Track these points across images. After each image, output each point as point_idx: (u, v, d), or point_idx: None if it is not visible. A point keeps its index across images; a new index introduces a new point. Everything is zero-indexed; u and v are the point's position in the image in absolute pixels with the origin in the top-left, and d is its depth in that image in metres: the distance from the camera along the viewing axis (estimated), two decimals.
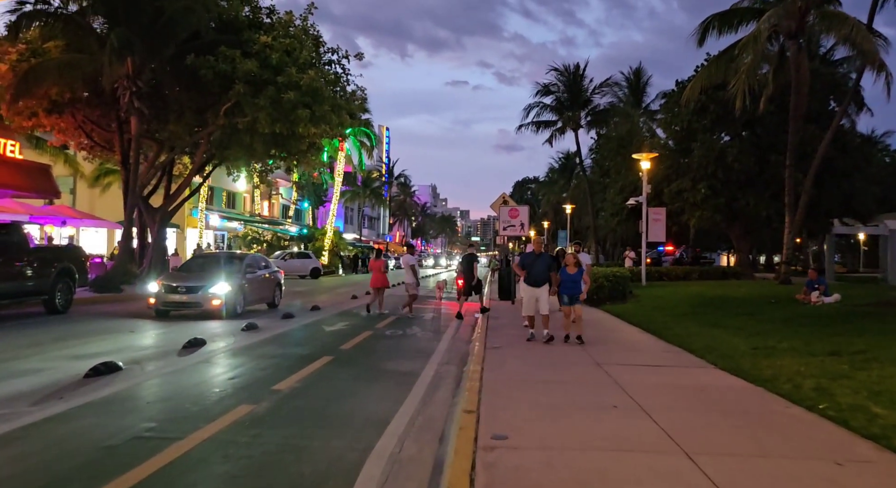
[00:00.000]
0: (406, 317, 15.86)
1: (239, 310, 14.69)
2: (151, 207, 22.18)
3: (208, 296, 14.06)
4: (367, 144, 45.76)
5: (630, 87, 44.60)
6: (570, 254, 10.99)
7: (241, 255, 17.56)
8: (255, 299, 15.98)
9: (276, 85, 18.48)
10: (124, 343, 10.72)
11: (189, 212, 40.33)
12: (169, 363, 8.89)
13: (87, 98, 19.85)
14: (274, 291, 17.15)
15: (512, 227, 20.31)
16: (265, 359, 9.34)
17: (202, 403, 6.67)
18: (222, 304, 14.01)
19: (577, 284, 10.52)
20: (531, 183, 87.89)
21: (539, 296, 10.67)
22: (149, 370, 8.34)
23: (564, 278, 10.55)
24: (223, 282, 14.36)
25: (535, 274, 10.61)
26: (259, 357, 9.52)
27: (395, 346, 11.11)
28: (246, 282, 15.29)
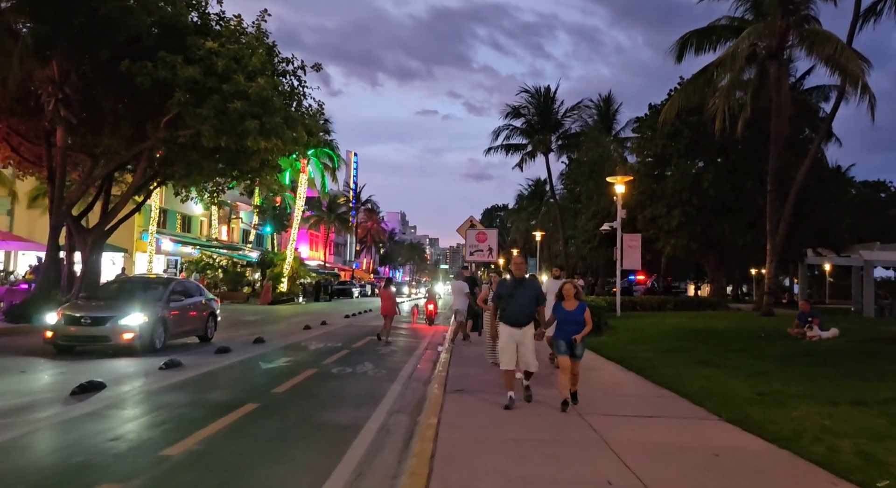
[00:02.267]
0: (377, 347, 14.10)
1: (158, 344, 12.54)
2: (83, 228, 20.06)
3: (118, 328, 11.85)
4: (330, 166, 44.03)
5: (600, 114, 43.97)
6: (569, 283, 8.00)
7: (164, 280, 15.20)
8: (182, 331, 13.83)
9: (222, 94, 16.78)
10: (7, 386, 8.76)
11: (139, 235, 38.01)
12: (44, 416, 7.00)
13: (9, 106, 17.84)
14: (206, 322, 14.90)
15: (480, 252, 18.80)
16: (170, 409, 7.51)
17: (49, 482, 4.85)
18: (135, 338, 11.88)
19: (579, 326, 7.61)
20: (500, 210, 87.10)
21: (523, 340, 7.66)
22: (12, 425, 6.46)
23: (561, 316, 7.71)
24: (138, 311, 12.19)
25: (517, 308, 7.64)
26: (163, 406, 7.68)
27: (340, 389, 9.36)
28: (169, 311, 13.16)
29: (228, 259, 40.42)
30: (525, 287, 7.75)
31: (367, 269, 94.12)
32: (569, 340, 7.58)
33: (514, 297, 7.66)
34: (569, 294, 7.78)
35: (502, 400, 7.93)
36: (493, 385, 9.39)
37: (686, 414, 7.60)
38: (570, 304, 7.76)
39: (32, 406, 7.46)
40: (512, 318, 7.67)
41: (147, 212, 37.34)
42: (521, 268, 7.99)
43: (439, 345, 16.12)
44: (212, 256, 40.00)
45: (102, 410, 7.26)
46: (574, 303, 7.75)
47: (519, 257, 8.42)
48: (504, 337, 7.72)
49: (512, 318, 7.67)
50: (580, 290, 8.07)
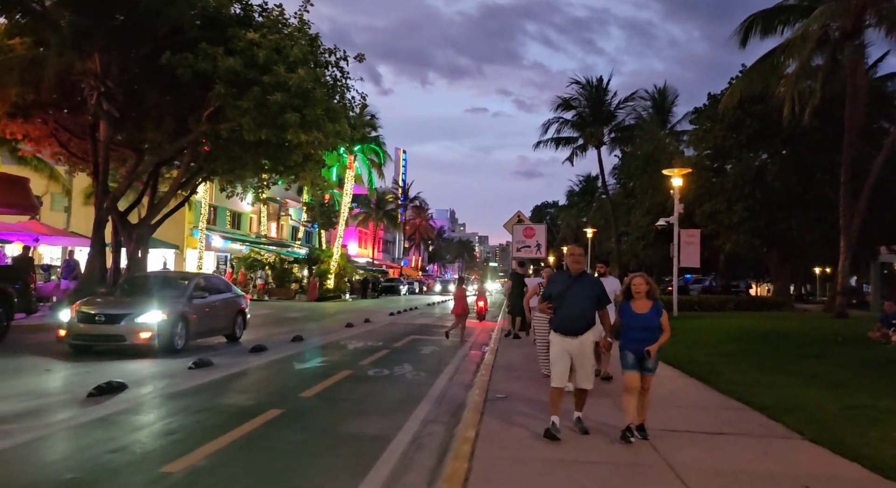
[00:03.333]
0: (394, 348, 13.45)
1: (179, 344, 11.66)
2: (129, 223, 20.08)
3: (134, 326, 10.98)
4: (377, 162, 43.66)
5: (655, 107, 42.22)
6: (640, 276, 6.21)
7: (188, 276, 14.31)
8: (206, 330, 12.90)
9: (263, 85, 16.39)
10: (26, 386, 8.42)
11: (189, 232, 38.48)
12: (51, 421, 6.54)
13: (55, 101, 17.92)
14: (234, 320, 13.97)
15: (527, 248, 17.90)
16: (186, 415, 6.96)
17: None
18: (153, 337, 10.99)
19: (654, 334, 5.97)
20: (550, 207, 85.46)
21: (580, 351, 6.08)
22: (12, 432, 6.00)
23: (630, 321, 6.04)
24: (156, 309, 11.26)
25: (573, 311, 6.07)
26: (180, 411, 7.14)
27: (373, 394, 8.68)
28: (191, 308, 12.23)
29: (276, 255, 40.55)
30: (583, 285, 6.17)
31: (416, 267, 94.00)
32: (639, 352, 5.95)
33: (570, 298, 6.09)
34: (640, 291, 6.03)
35: (549, 410, 7.11)
36: (541, 390, 8.56)
37: (761, 431, 6.61)
38: (641, 305, 6.04)
39: (43, 409, 7.02)
40: (566, 324, 6.11)
41: (197, 208, 37.77)
42: (579, 261, 6.24)
43: (485, 345, 15.35)
44: (260, 253, 40.19)
45: (114, 415, 6.76)
46: (646, 303, 6.03)
47: (577, 248, 6.49)
48: (556, 347, 6.17)
49: (566, 324, 6.11)
50: (654, 287, 6.18)
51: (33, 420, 6.42)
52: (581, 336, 6.09)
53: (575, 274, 6.20)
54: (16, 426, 6.11)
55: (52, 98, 17.71)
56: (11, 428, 6.03)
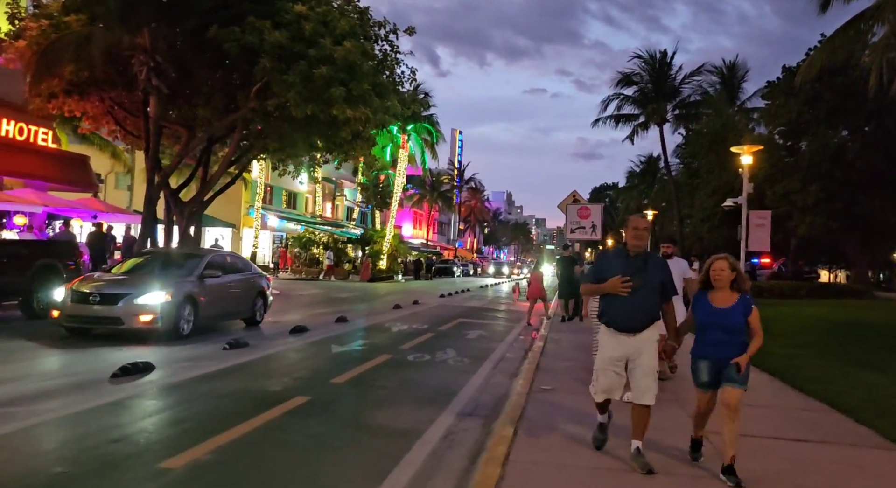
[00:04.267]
0: (442, 333, 12.85)
1: (186, 328, 10.38)
2: (180, 200, 20.12)
3: (133, 308, 9.72)
4: (430, 141, 43.01)
5: (724, 82, 39.88)
6: (722, 259, 4.66)
7: (199, 253, 12.84)
8: (218, 313, 11.73)
9: (309, 59, 15.92)
10: (54, 365, 8.22)
11: (246, 211, 38.94)
12: (63, 403, 6.21)
13: (109, 78, 17.94)
14: (253, 303, 12.72)
15: (581, 230, 16.94)
16: (205, 401, 6.53)
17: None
18: (154, 320, 9.75)
19: (739, 338, 4.47)
20: (609, 189, 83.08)
21: (638, 354, 4.70)
22: (16, 414, 5.68)
23: (706, 318, 4.56)
24: (158, 289, 10.01)
25: (631, 302, 4.66)
26: (200, 397, 6.72)
27: (409, 381, 8.09)
28: (202, 289, 10.93)
29: (330, 235, 40.63)
30: (647, 267, 4.69)
31: (471, 249, 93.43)
32: (719, 362, 4.45)
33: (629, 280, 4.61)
34: (722, 278, 4.52)
35: None
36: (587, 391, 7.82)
37: (851, 440, 5.69)
38: (723, 298, 4.53)
39: (61, 390, 6.72)
40: (621, 319, 4.68)
41: (253, 188, 38.15)
42: (642, 237, 4.75)
43: (535, 330, 14.62)
44: (314, 232, 40.36)
45: (129, 399, 6.38)
46: (730, 295, 4.52)
47: (641, 219, 4.91)
48: (607, 348, 4.77)
49: (621, 319, 4.68)
50: (742, 274, 4.64)
51: (45, 402, 6.11)
52: (641, 333, 4.67)
53: (635, 253, 4.74)
54: (24, 408, 5.79)
55: (105, 75, 17.72)
56: (18, 410, 5.71)
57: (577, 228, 16.88)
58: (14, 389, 6.56)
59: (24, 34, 17.27)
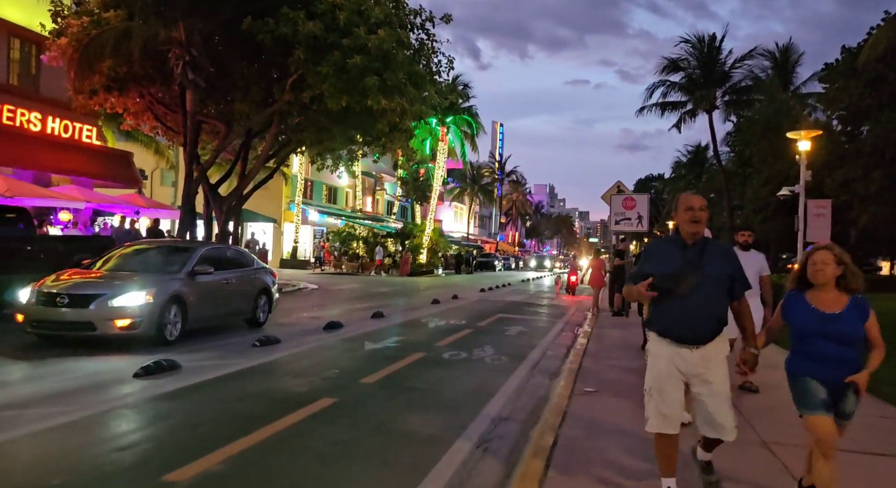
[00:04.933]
0: (482, 330, 12.38)
1: (172, 334, 9.05)
2: (219, 195, 20.14)
3: (107, 311, 8.38)
4: (469, 133, 42.41)
5: (776, 67, 38.07)
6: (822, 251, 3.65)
7: (191, 246, 11.26)
8: (212, 314, 10.30)
9: (343, 49, 15.60)
10: (76, 364, 8.05)
11: (286, 206, 39.13)
12: (76, 406, 5.98)
13: (147, 73, 18.00)
14: (255, 302, 11.41)
15: (626, 221, 16.20)
16: (226, 404, 6.22)
17: None
18: (132, 325, 8.46)
19: (855, 353, 3.57)
20: (655, 180, 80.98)
21: (705, 372, 3.68)
22: (22, 418, 5.45)
23: (809, 325, 3.62)
24: (137, 288, 8.69)
25: (690, 303, 3.64)
26: (220, 398, 6.41)
27: (443, 381, 7.66)
28: (191, 288, 9.57)
29: (369, 229, 40.53)
30: (707, 257, 3.68)
31: (513, 242, 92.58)
32: (832, 383, 3.54)
33: (686, 282, 3.61)
34: (826, 275, 3.58)
35: None
36: (634, 393, 7.23)
37: None
38: (828, 300, 3.60)
39: (80, 391, 6.49)
40: (678, 326, 3.66)
41: (294, 183, 38.30)
42: (699, 219, 3.70)
43: (578, 326, 14.03)
44: (354, 227, 40.33)
45: (143, 402, 6.10)
46: (839, 296, 3.59)
47: (696, 197, 3.82)
48: (661, 364, 3.73)
49: (678, 326, 3.66)
50: (853, 269, 3.63)
51: (60, 403, 5.87)
52: (707, 345, 3.64)
53: (692, 241, 3.69)
54: (37, 410, 5.56)
55: (143, 70, 17.78)
56: (30, 413, 5.48)
57: (621, 220, 16.15)
58: (13, 393, 6.38)
59: (67, 31, 17.43)
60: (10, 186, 15.60)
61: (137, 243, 11.63)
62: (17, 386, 6.69)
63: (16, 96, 19.51)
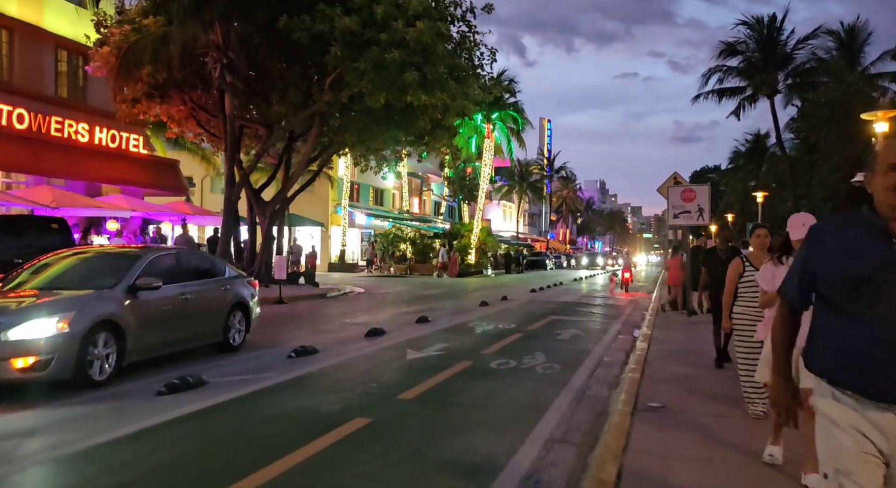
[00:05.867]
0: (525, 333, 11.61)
1: (100, 372, 6.76)
2: (262, 200, 19.98)
3: (3, 347, 6.13)
4: (515, 129, 41.48)
5: (841, 48, 35.84)
6: None
7: (135, 253, 8.38)
8: (162, 340, 7.91)
9: (381, 45, 15.11)
10: None
11: (333, 209, 39.06)
12: (100, 426, 5.52)
13: (188, 79, 17.95)
14: (224, 321, 8.92)
15: (686, 214, 15.12)
16: (248, 426, 5.67)
17: None
18: (38, 364, 6.20)
19: None
20: (711, 172, 78.01)
21: None
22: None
23: None
24: (45, 315, 6.43)
25: (888, 327, 2.10)
26: (244, 420, 5.87)
27: (490, 396, 6.95)
28: (130, 307, 7.29)
29: (416, 231, 40.11)
30: None
31: (564, 240, 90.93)
32: None
33: (888, 289, 2.12)
34: None
35: (723, 430, 4.99)
36: (713, 397, 6.37)
37: None
38: None
39: (100, 413, 6.05)
40: (873, 372, 2.14)
41: (340, 186, 38.19)
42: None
43: (636, 328, 13.09)
44: (401, 228, 39.99)
45: (163, 427, 5.58)
46: None
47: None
48: (843, 439, 2.20)
49: (873, 372, 2.14)
50: None
51: (96, 420, 5.41)
52: None
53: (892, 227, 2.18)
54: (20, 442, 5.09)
55: (183, 76, 17.76)
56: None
57: (680, 213, 15.08)
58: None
59: (109, 41, 17.52)
60: (55, 197, 15.70)
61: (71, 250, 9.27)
62: None
63: (64, 108, 19.76)
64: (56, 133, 19.12)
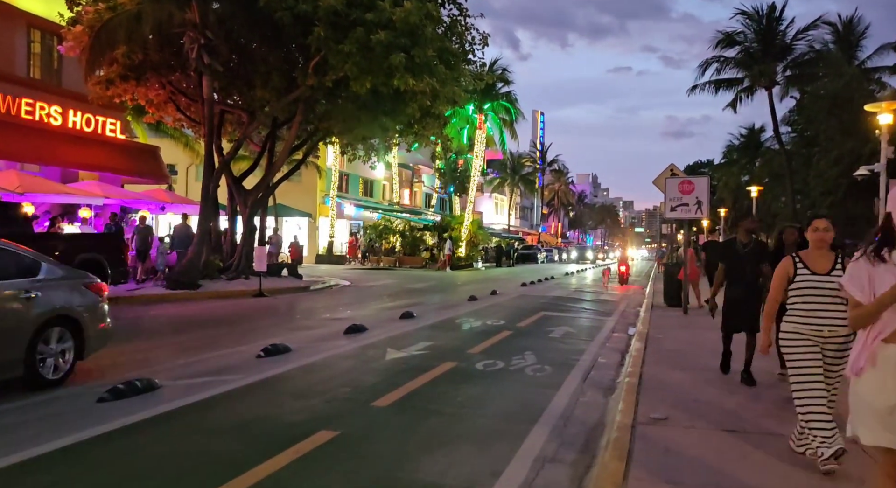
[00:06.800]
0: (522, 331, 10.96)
1: None
2: (244, 188, 19.19)
3: None
4: (508, 120, 40.73)
5: (838, 41, 35.28)
6: None
7: None
8: None
9: (366, 25, 14.35)
10: None
11: (321, 200, 38.26)
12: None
13: (165, 60, 17.09)
14: (30, 343, 6.08)
15: (683, 207, 14.46)
16: (196, 440, 4.99)
17: None
18: None
19: None
20: (703, 166, 77.62)
21: None
22: None
23: None
24: None
25: None
26: (194, 432, 5.19)
27: (474, 402, 6.29)
28: None
29: (406, 223, 39.37)
30: None
31: (555, 233, 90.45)
32: None
33: None
34: None
35: (734, 452, 4.34)
36: (721, 407, 5.70)
37: None
38: None
39: None
40: None
41: (328, 176, 37.38)
42: None
43: (630, 325, 12.49)
44: (391, 220, 39.24)
45: (95, 440, 4.89)
46: None
47: None
48: None
49: None
50: None
51: (23, 429, 4.69)
52: None
53: None
54: None
55: (160, 57, 16.91)
56: None
57: (678, 206, 14.42)
58: None
59: (83, 19, 16.67)
60: (22, 182, 14.86)
61: None
62: None
63: (36, 90, 18.87)
64: (27, 116, 18.25)
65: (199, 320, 11.97)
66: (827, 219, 4.39)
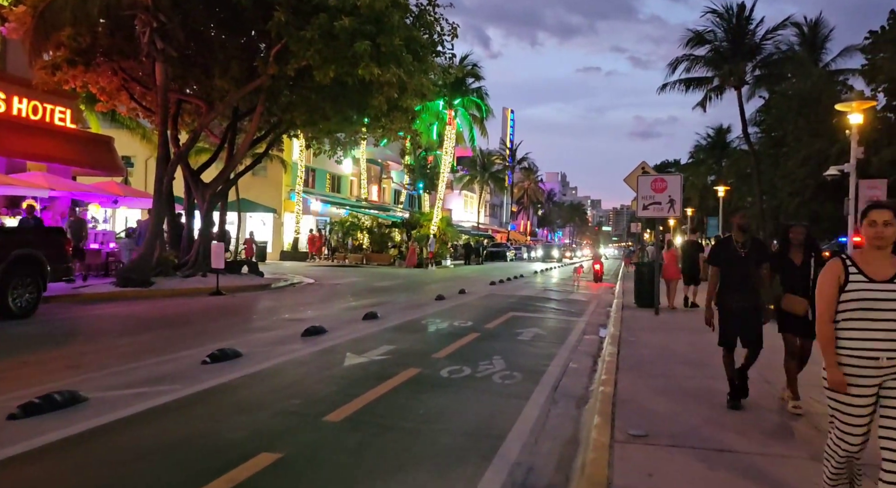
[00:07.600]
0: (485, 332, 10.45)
1: None
2: (202, 182, 18.31)
3: None
4: (478, 116, 40.24)
5: (804, 43, 35.64)
6: None
7: None
8: None
9: (329, 11, 13.67)
10: None
11: (287, 195, 37.29)
12: None
13: (117, 46, 16.13)
14: None
15: (656, 206, 14.13)
16: (110, 468, 4.35)
17: None
18: None
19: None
20: (671, 166, 78.40)
21: None
22: None
23: None
24: None
25: None
26: (115, 456, 4.54)
27: (437, 415, 5.73)
28: None
29: (374, 219, 38.63)
30: None
31: (525, 231, 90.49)
32: None
33: None
34: None
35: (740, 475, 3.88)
36: (707, 419, 5.19)
37: None
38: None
39: None
40: None
41: (294, 171, 36.44)
42: None
43: (601, 328, 12.08)
44: (358, 217, 38.44)
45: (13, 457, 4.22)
46: None
47: None
48: None
49: None
50: None
51: None
52: None
53: None
54: None
55: (111, 42, 15.95)
56: None
57: (650, 204, 14.08)
58: None
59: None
60: None
61: None
62: None
63: None
64: None
65: (146, 321, 11.20)
66: (890, 210, 3.13)
